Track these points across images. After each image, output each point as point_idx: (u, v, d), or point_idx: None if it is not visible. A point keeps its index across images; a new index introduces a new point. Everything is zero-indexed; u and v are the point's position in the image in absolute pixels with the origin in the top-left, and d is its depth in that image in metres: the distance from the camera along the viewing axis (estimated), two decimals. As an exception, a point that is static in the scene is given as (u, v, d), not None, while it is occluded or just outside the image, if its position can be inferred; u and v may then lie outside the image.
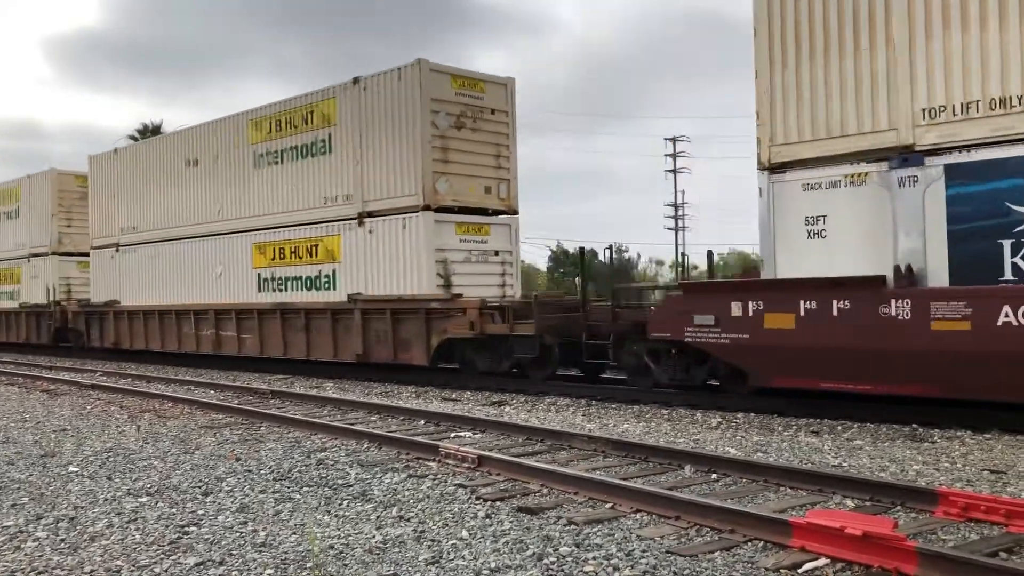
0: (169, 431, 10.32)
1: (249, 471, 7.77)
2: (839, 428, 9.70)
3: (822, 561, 4.80)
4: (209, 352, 19.80)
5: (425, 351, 14.91)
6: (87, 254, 24.80)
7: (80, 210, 25.70)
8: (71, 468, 8.10)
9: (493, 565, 4.92)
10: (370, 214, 16.08)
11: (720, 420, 10.46)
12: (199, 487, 7.14)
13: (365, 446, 8.93)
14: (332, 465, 7.99)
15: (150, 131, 51.43)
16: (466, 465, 7.60)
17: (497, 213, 16.33)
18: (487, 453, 7.77)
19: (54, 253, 26.17)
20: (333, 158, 16.80)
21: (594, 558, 4.99)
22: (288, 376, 17.40)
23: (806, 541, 4.98)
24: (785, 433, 9.51)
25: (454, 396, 13.57)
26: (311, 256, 17.27)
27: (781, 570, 4.73)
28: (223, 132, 19.60)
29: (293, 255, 17.71)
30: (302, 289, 17.46)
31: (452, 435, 9.58)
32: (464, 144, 15.69)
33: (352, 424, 10.32)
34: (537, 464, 7.32)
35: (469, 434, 9.67)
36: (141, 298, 22.12)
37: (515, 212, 16.55)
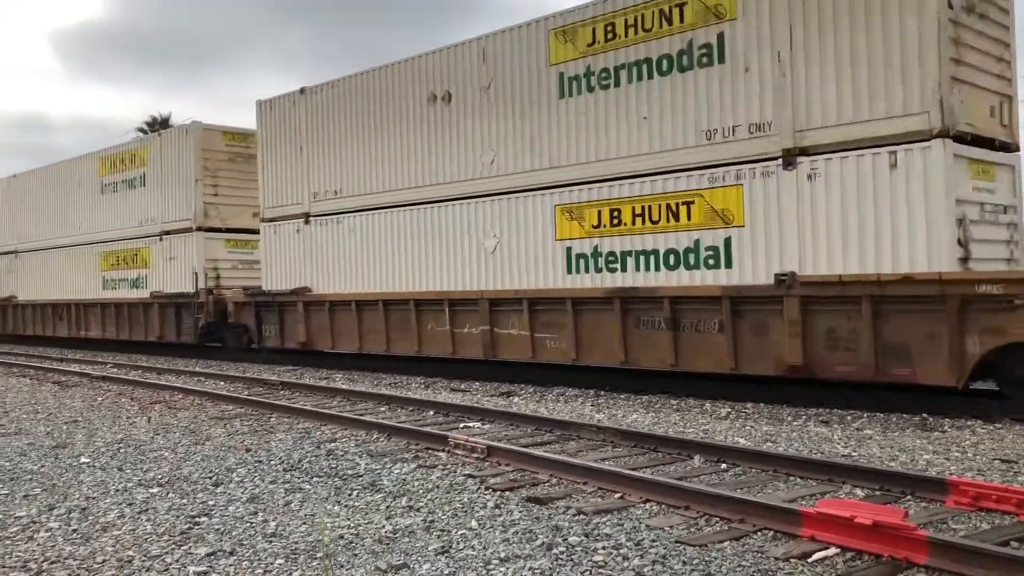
0: (179, 422, 10.37)
1: (259, 462, 7.80)
2: (849, 418, 9.67)
3: (832, 551, 4.80)
4: (478, 357, 14.45)
5: (951, 363, 9.48)
6: (238, 230, 20.67)
7: (229, 175, 20.91)
8: (83, 459, 8.15)
9: (502, 555, 4.93)
10: (804, 151, 10.68)
11: (729, 410, 10.45)
12: (209, 478, 7.18)
13: (375, 436, 8.97)
14: (342, 456, 8.01)
15: (159, 123, 51.57)
16: (475, 455, 7.62)
17: (1001, 148, 10.91)
18: (496, 443, 7.78)
19: (199, 229, 20.55)
20: (726, 70, 11.39)
21: (603, 548, 5.00)
22: (297, 368, 17.46)
23: (816, 531, 4.97)
24: (795, 423, 9.49)
25: (463, 387, 13.59)
26: (674, 219, 11.92)
27: (791, 559, 4.73)
28: (500, 52, 14.03)
29: (639, 219, 12.32)
30: (659, 268, 12.12)
31: (461, 425, 9.60)
32: (974, 38, 10.41)
33: (361, 415, 10.35)
34: (546, 454, 7.33)
35: (478, 424, 9.68)
36: (347, 284, 16.67)
37: (1018, 148, 11.19)
